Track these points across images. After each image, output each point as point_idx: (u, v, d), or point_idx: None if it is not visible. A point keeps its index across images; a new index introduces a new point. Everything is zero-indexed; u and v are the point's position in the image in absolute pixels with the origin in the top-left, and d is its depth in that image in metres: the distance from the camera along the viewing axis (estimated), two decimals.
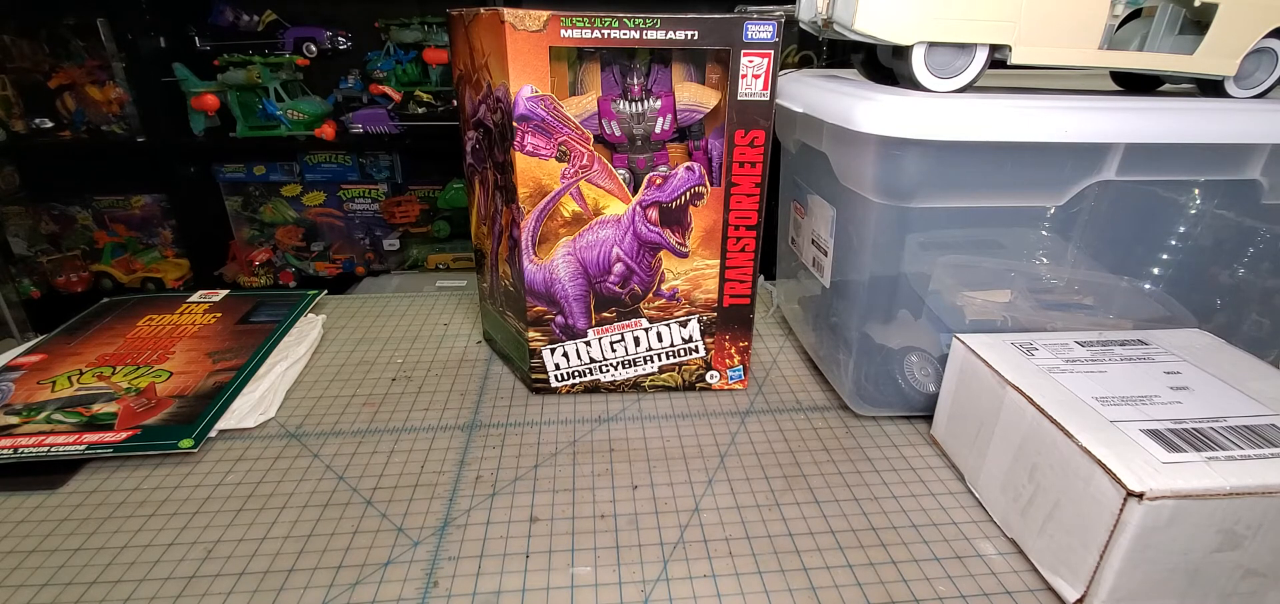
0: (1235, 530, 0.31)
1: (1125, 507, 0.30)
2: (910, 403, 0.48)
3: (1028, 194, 0.43)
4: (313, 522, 0.38)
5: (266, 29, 1.51)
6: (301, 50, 1.52)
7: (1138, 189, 0.43)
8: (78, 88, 1.50)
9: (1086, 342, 0.43)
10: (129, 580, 0.34)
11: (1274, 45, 0.42)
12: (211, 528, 0.38)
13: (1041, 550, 0.35)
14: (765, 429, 0.48)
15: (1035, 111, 0.39)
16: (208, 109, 1.48)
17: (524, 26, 0.39)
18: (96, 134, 1.52)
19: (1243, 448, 0.32)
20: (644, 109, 0.45)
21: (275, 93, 1.46)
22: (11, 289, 1.60)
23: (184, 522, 0.38)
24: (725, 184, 0.45)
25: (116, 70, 1.47)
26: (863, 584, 0.35)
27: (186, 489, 0.41)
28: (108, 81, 1.50)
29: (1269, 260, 0.47)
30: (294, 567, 0.35)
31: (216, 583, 0.34)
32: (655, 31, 0.40)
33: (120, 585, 0.34)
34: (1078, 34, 0.40)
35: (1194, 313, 0.48)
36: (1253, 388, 0.38)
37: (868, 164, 0.42)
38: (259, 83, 1.46)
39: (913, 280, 0.46)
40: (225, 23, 1.50)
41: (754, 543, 0.37)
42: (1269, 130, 0.41)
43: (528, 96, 0.41)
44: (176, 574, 0.35)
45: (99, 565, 0.35)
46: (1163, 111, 0.41)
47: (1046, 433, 0.35)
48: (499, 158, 0.45)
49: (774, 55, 0.42)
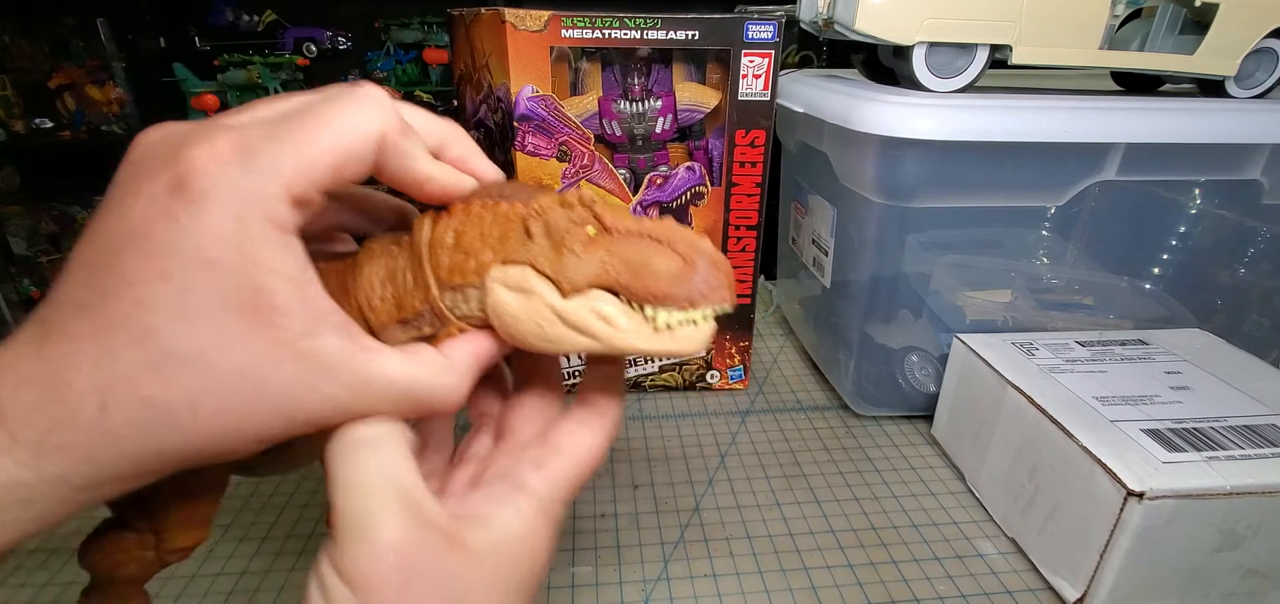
0: (1235, 530, 0.31)
1: (1125, 506, 0.30)
2: (910, 403, 0.48)
3: (1028, 194, 0.43)
4: (313, 521, 0.38)
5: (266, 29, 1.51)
6: (301, 50, 1.52)
7: (1138, 189, 0.43)
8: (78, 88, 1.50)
9: (1087, 341, 0.43)
10: None
11: (1274, 45, 0.42)
12: (212, 527, 0.38)
13: (1042, 550, 0.35)
14: (765, 429, 0.48)
15: (1035, 111, 0.39)
16: (208, 109, 1.47)
17: (524, 26, 0.39)
18: (96, 134, 1.52)
19: (1243, 448, 0.32)
20: (644, 109, 0.45)
21: (275, 93, 1.47)
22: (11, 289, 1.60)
23: None
24: (725, 184, 0.45)
25: (116, 70, 1.47)
26: (863, 583, 0.35)
27: None
28: (108, 81, 1.49)
29: (1269, 260, 0.47)
30: (294, 567, 0.35)
31: (217, 582, 0.34)
32: (656, 31, 0.40)
33: None
34: (1078, 34, 0.40)
35: (1194, 313, 0.48)
36: (1253, 388, 0.38)
37: (868, 164, 0.42)
38: (259, 83, 1.45)
39: (913, 280, 0.46)
40: (225, 23, 1.50)
41: (754, 542, 0.37)
42: (1269, 130, 0.41)
43: (528, 96, 0.41)
44: (177, 574, 0.35)
45: None
46: (1163, 111, 0.41)
47: (1047, 433, 0.35)
48: (499, 158, 0.45)
49: (774, 55, 0.42)
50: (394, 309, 0.21)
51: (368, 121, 0.18)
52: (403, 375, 0.19)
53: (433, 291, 0.20)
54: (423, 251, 0.20)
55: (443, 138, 0.21)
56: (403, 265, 0.21)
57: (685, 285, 0.18)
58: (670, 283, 0.18)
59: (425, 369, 0.19)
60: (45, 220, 1.63)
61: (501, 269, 0.20)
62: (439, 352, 0.20)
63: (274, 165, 0.16)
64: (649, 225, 0.19)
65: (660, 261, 0.19)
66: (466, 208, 0.21)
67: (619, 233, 0.19)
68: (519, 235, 0.20)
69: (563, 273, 0.19)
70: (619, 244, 0.19)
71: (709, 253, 0.19)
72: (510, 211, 0.20)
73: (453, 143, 0.21)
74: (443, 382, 0.20)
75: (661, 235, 0.19)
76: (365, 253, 0.22)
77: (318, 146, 0.17)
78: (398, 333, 0.21)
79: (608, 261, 0.19)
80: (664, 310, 0.19)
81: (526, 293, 0.19)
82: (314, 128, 0.17)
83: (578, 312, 0.19)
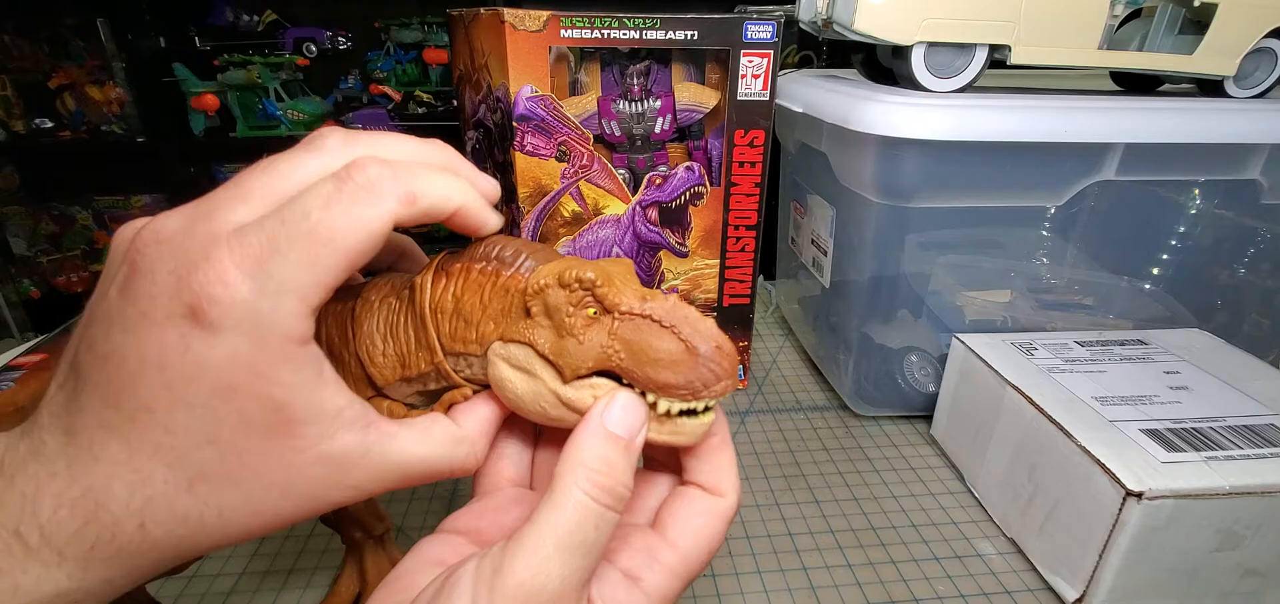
0: (1234, 530, 0.31)
1: (1124, 506, 0.30)
2: (910, 403, 0.48)
3: (1027, 194, 0.43)
4: (312, 521, 0.38)
5: (266, 29, 1.51)
6: (301, 50, 1.52)
7: (1137, 189, 0.43)
8: (77, 88, 1.50)
9: (1086, 342, 0.43)
10: None
11: (1273, 45, 0.42)
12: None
13: (1041, 550, 0.35)
14: (765, 429, 0.48)
15: (1035, 111, 0.39)
16: (208, 109, 1.48)
17: (524, 26, 0.39)
18: (96, 134, 1.52)
19: (1242, 448, 0.32)
20: (644, 109, 0.45)
21: (275, 93, 1.47)
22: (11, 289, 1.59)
23: None
24: (725, 184, 0.45)
25: (116, 70, 1.47)
26: (862, 584, 0.35)
27: None
28: (108, 81, 1.49)
29: (1268, 260, 0.47)
30: (294, 567, 0.35)
31: (217, 582, 0.34)
32: (655, 31, 0.40)
33: None
34: (1077, 34, 0.40)
35: (1194, 313, 0.48)
36: (1252, 388, 0.38)
37: (868, 164, 0.42)
38: (259, 83, 1.46)
39: (912, 280, 0.46)
40: (225, 23, 1.50)
41: (754, 542, 0.37)
42: (1269, 130, 0.41)
43: (528, 96, 0.41)
44: (179, 574, 0.35)
45: None
46: (1163, 111, 0.41)
47: (1046, 433, 0.35)
48: (499, 158, 0.45)
49: (774, 55, 0.42)
50: (398, 366, 0.21)
51: (376, 214, 0.17)
52: (418, 454, 0.20)
53: (438, 356, 0.21)
54: (426, 314, 0.21)
55: (438, 165, 0.21)
56: (404, 321, 0.21)
57: (687, 374, 0.18)
58: (672, 371, 0.18)
59: (440, 446, 0.20)
60: (45, 220, 1.63)
61: (504, 345, 0.20)
62: (452, 421, 0.21)
63: (285, 282, 0.16)
64: (654, 306, 0.19)
65: (662, 346, 0.18)
66: (466, 272, 0.21)
67: (620, 316, 0.19)
68: (519, 312, 0.20)
69: (564, 358, 0.19)
70: (622, 327, 0.19)
71: (713, 337, 0.19)
72: (510, 284, 0.20)
73: (449, 169, 0.21)
74: (457, 453, 0.20)
75: (665, 318, 0.19)
76: (363, 304, 0.22)
77: (328, 255, 0.17)
78: (403, 389, 0.22)
79: (609, 346, 0.19)
80: (665, 399, 0.18)
81: (529, 374, 0.20)
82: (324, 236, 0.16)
83: (581, 398, 0.19)
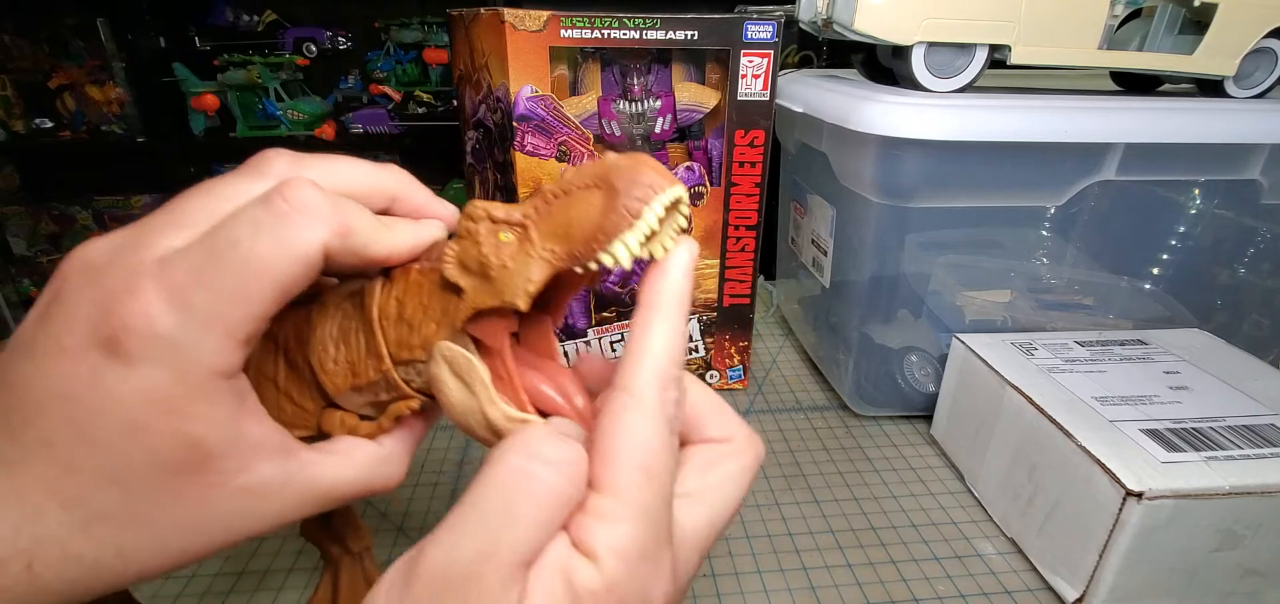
0: (1234, 530, 0.31)
1: (1125, 506, 0.30)
2: (910, 403, 0.48)
3: (1027, 194, 0.43)
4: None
5: (266, 29, 1.51)
6: (301, 50, 1.52)
7: (1137, 189, 0.43)
8: (77, 88, 1.50)
9: (1086, 342, 0.43)
10: None
11: (1273, 45, 0.42)
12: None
13: (1041, 550, 0.35)
14: (765, 429, 0.48)
15: (1035, 111, 0.39)
16: (208, 109, 1.48)
17: (524, 26, 0.39)
18: (96, 134, 1.52)
19: (1242, 448, 0.32)
20: (644, 109, 0.45)
21: (275, 93, 1.47)
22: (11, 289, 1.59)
23: None
24: (725, 184, 0.45)
25: (116, 70, 1.47)
26: (862, 584, 0.35)
27: None
28: (108, 81, 1.49)
29: (1269, 260, 0.47)
30: (294, 566, 0.35)
31: (217, 582, 0.34)
32: (655, 31, 0.40)
33: None
34: (1077, 34, 0.40)
35: (1194, 313, 0.48)
36: (1252, 388, 0.38)
37: (868, 164, 0.42)
38: (259, 83, 1.46)
39: (912, 280, 0.46)
40: (225, 23, 1.50)
41: (753, 542, 0.37)
42: (1269, 130, 0.41)
43: (528, 96, 0.41)
44: (178, 573, 0.35)
45: None
46: (1162, 111, 0.41)
47: (1046, 433, 0.35)
48: (499, 158, 0.45)
49: (774, 55, 0.42)
50: (349, 375, 0.20)
51: (307, 240, 0.16)
52: (341, 478, 0.19)
53: (386, 364, 0.20)
54: (374, 322, 0.20)
55: (392, 191, 0.20)
56: (355, 327, 0.20)
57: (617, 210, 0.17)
58: (606, 218, 0.17)
59: (361, 469, 0.20)
60: (45, 220, 1.63)
61: (449, 346, 0.19)
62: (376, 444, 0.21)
63: (211, 315, 0.15)
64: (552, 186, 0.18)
65: (582, 210, 0.17)
66: (406, 273, 0.20)
67: (530, 219, 0.18)
68: (451, 295, 0.19)
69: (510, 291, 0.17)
70: (539, 227, 0.18)
71: (622, 164, 0.17)
72: (435, 274, 0.19)
73: (403, 194, 0.21)
74: (380, 473, 0.20)
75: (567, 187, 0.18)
76: (320, 310, 0.21)
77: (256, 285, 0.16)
78: (354, 398, 0.21)
79: (542, 252, 0.17)
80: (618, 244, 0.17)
81: (466, 387, 0.19)
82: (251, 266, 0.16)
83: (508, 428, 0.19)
